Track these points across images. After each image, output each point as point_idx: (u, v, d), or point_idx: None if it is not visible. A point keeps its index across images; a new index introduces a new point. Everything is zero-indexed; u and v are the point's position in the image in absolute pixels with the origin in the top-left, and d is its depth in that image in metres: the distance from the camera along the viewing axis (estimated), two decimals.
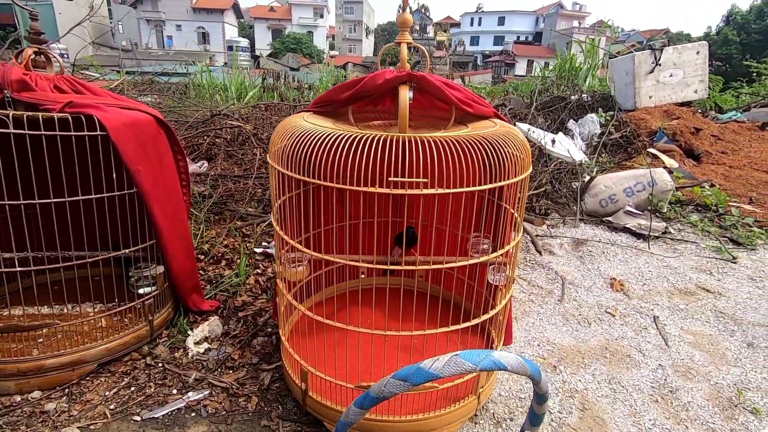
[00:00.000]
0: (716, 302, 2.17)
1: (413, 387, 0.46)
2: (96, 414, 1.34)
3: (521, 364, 0.48)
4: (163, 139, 1.60)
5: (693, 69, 5.51)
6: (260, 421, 1.35)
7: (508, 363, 0.46)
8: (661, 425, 1.38)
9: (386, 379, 0.47)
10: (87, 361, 1.46)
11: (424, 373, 0.45)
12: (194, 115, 4.02)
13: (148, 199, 1.49)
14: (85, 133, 1.31)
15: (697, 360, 1.72)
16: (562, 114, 5.67)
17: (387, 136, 1.02)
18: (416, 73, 1.16)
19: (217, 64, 17.71)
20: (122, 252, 1.51)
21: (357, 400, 0.49)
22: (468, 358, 0.45)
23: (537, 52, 34.77)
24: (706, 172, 4.35)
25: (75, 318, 1.57)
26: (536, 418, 0.59)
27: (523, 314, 2.01)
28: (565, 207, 3.59)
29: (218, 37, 38.17)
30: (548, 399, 0.56)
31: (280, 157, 1.17)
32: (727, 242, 2.92)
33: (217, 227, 2.63)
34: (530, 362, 0.50)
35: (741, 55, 25.35)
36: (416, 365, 0.46)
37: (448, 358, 0.46)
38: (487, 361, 0.45)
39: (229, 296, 2.00)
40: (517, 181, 1.14)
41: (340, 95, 1.26)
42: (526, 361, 0.49)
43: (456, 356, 0.46)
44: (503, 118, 1.36)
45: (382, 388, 0.47)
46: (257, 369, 1.56)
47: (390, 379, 0.47)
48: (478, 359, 0.45)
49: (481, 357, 0.45)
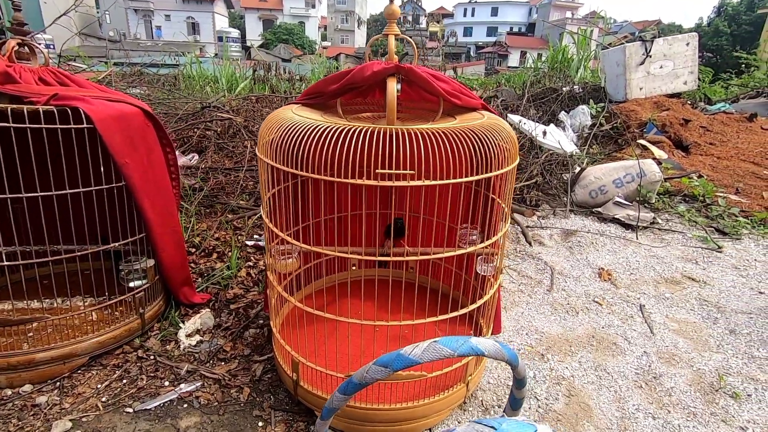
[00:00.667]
0: (701, 291, 2.21)
1: (394, 372, 0.47)
2: (88, 406, 1.34)
3: (498, 350, 0.50)
4: (152, 131, 1.59)
5: (683, 60, 5.55)
6: (252, 411, 1.36)
7: (485, 348, 0.48)
8: (645, 410, 1.42)
9: (368, 366, 0.49)
10: (78, 354, 1.47)
11: (404, 359, 0.47)
12: (184, 107, 3.98)
13: (136, 193, 1.49)
14: (71, 126, 1.30)
15: (681, 347, 1.76)
16: (553, 105, 5.70)
17: (375, 128, 1.02)
18: (404, 65, 1.16)
19: (207, 54, 17.49)
20: (111, 245, 1.51)
21: (341, 386, 0.51)
22: (446, 344, 0.47)
23: (530, 44, 34.71)
24: (694, 163, 4.40)
25: (65, 312, 1.58)
26: (516, 402, 0.61)
27: (513, 304, 2.04)
28: (555, 198, 3.62)
29: (208, 27, 37.60)
30: (527, 384, 0.57)
31: (269, 149, 1.17)
32: (713, 232, 2.97)
33: (208, 220, 2.63)
34: (507, 347, 0.52)
35: (731, 46, 25.51)
36: (396, 352, 0.48)
37: (427, 344, 0.47)
38: (465, 347, 0.47)
39: (220, 289, 2.01)
40: (503, 172, 1.15)
41: (328, 87, 1.26)
42: (503, 347, 0.51)
43: (435, 342, 0.47)
44: (491, 109, 1.37)
45: (364, 374, 0.48)
46: (249, 360, 1.58)
47: (372, 366, 0.48)
48: (456, 345, 0.47)
49: (459, 343, 0.47)
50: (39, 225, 1.39)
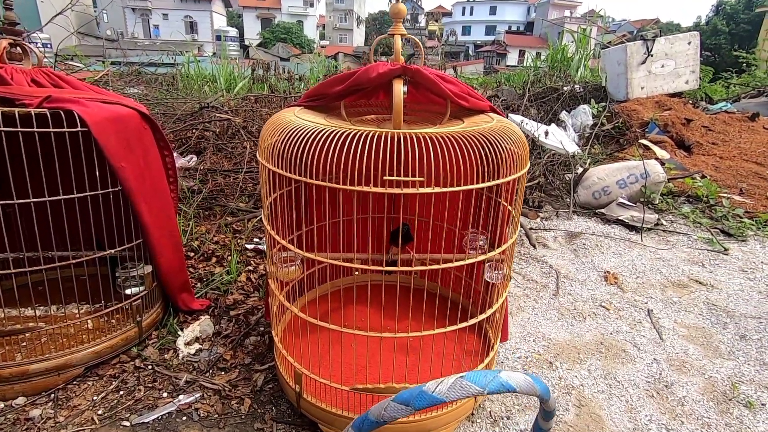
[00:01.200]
0: (709, 294, 2.18)
1: (415, 411, 0.43)
2: (83, 420, 1.30)
3: (530, 385, 0.45)
4: (148, 134, 1.54)
5: (684, 59, 5.51)
6: (254, 424, 1.32)
7: (516, 384, 0.44)
8: (657, 421, 1.38)
9: (386, 403, 0.44)
10: (73, 365, 1.42)
11: (428, 397, 0.42)
12: (182, 108, 3.93)
13: (133, 197, 1.44)
14: (65, 130, 1.26)
15: (691, 353, 1.72)
16: (554, 105, 5.66)
17: (381, 132, 0.98)
18: (411, 67, 1.12)
19: (205, 54, 17.40)
20: (108, 252, 1.46)
21: (355, 422, 0.46)
22: (474, 380, 0.42)
23: (529, 42, 34.65)
24: (697, 163, 4.37)
25: (60, 320, 1.53)
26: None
27: (518, 309, 2.00)
28: (558, 199, 3.58)
29: (206, 26, 37.43)
30: (554, 416, 0.53)
31: (271, 154, 1.12)
32: (719, 234, 2.94)
33: (207, 223, 2.58)
34: (538, 380, 0.48)
35: (730, 45, 25.51)
36: (419, 388, 0.43)
37: (453, 381, 0.43)
38: (495, 383, 0.42)
39: (220, 294, 1.96)
40: (514, 178, 1.11)
41: (331, 89, 1.22)
42: (535, 380, 0.47)
43: (461, 379, 0.43)
44: (499, 112, 1.33)
45: (382, 411, 0.44)
46: (250, 370, 1.53)
47: (390, 403, 0.44)
48: (485, 381, 0.42)
49: (488, 379, 0.42)
50: (32, 231, 1.34)
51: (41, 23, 8.13)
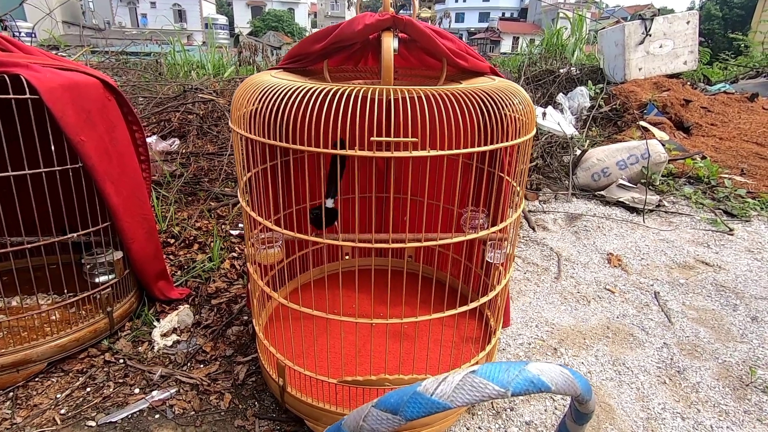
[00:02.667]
0: (716, 276, 2.08)
1: (406, 421, 0.31)
2: (44, 420, 1.17)
3: (568, 381, 0.33)
4: (113, 106, 1.39)
5: (683, 39, 5.39)
6: (234, 421, 1.20)
7: (551, 381, 0.31)
8: (672, 409, 1.28)
9: (365, 410, 0.31)
10: (34, 360, 1.29)
11: (424, 401, 0.29)
12: (164, 91, 3.75)
13: (96, 175, 1.30)
14: (11, 96, 1.11)
15: (703, 337, 1.62)
16: (551, 88, 5.52)
17: (368, 88, 0.85)
18: (402, 17, 0.98)
19: (195, 43, 16.98)
20: (69, 236, 1.33)
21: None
22: (491, 376, 0.30)
23: (522, 29, 34.31)
24: (696, 144, 4.27)
25: (20, 312, 1.39)
26: None
27: (519, 293, 1.89)
28: (556, 181, 3.47)
29: (195, 14, 36.59)
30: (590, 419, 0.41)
31: (245, 121, 0.99)
32: (722, 214, 2.84)
33: (190, 209, 2.44)
34: (579, 376, 0.35)
35: (723, 30, 25.37)
36: (411, 389, 0.30)
37: (461, 378, 0.30)
38: (522, 380, 0.30)
39: (201, 282, 1.83)
40: (521, 141, 0.99)
41: (312, 47, 1.08)
42: (575, 375, 0.34)
43: (472, 375, 0.30)
44: (500, 74, 1.20)
45: (360, 422, 0.31)
46: (231, 362, 1.41)
47: (372, 410, 0.31)
48: (508, 378, 0.30)
49: (512, 375, 0.30)
50: None
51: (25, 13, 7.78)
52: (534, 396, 1.31)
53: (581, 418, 0.41)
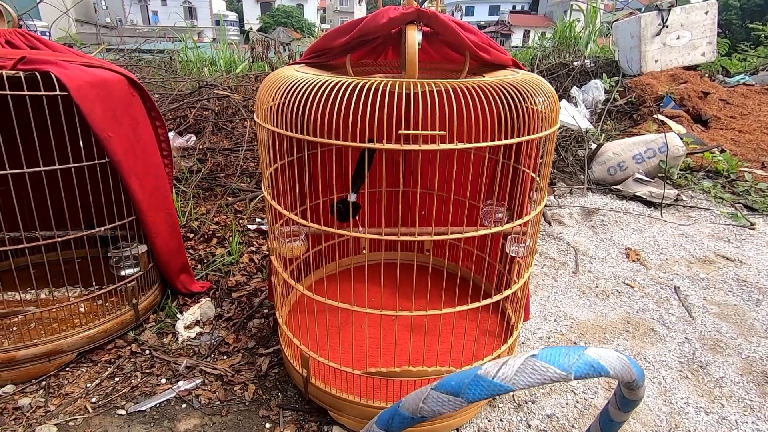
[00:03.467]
0: (737, 271, 2.05)
1: (468, 403, 0.32)
2: (76, 408, 1.21)
3: (625, 366, 0.34)
4: (138, 102, 1.42)
5: (701, 30, 5.27)
6: (258, 411, 1.23)
7: (609, 366, 0.32)
8: (695, 404, 1.27)
9: (425, 392, 0.33)
10: (65, 350, 1.33)
11: (486, 384, 0.30)
12: (180, 87, 3.79)
13: (122, 170, 1.33)
14: (42, 93, 1.14)
15: (725, 332, 1.61)
16: (564, 81, 5.46)
17: (396, 82, 0.85)
18: (426, 10, 0.98)
19: (205, 39, 17.08)
20: (97, 230, 1.36)
21: (381, 417, 0.35)
22: (552, 360, 0.31)
23: (533, 22, 33.86)
24: (715, 138, 4.19)
25: (51, 304, 1.43)
26: (611, 427, 0.45)
27: (537, 288, 1.89)
28: (571, 176, 3.44)
29: (205, 11, 36.74)
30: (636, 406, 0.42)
31: (270, 114, 1.00)
32: (742, 208, 2.80)
33: (207, 204, 2.47)
34: (633, 362, 0.36)
35: (741, 20, 24.74)
36: (471, 371, 0.32)
37: (522, 362, 0.31)
38: (582, 364, 0.31)
39: (221, 276, 1.86)
40: (547, 134, 0.98)
41: (335, 41, 1.08)
42: (630, 361, 0.35)
43: (533, 359, 0.31)
44: (522, 66, 1.19)
45: (419, 404, 0.32)
46: (253, 354, 1.44)
47: (431, 392, 0.32)
48: (569, 362, 0.31)
49: (572, 359, 0.31)
50: (12, 209, 1.23)
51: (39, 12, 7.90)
52: (555, 389, 1.31)
53: (628, 405, 0.41)
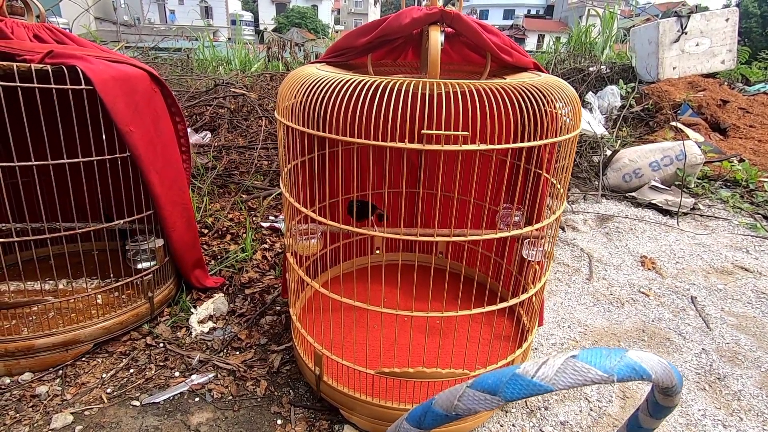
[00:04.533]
0: (756, 282, 2.01)
1: (505, 402, 0.32)
2: (91, 398, 1.23)
3: (666, 371, 0.33)
4: (159, 98, 1.44)
5: (721, 37, 5.19)
6: (270, 407, 1.23)
7: (651, 369, 0.31)
8: (712, 416, 1.25)
9: (461, 389, 0.32)
10: (82, 340, 1.35)
11: (525, 383, 0.30)
12: (196, 85, 3.83)
13: (142, 164, 1.34)
14: (68, 87, 1.16)
15: (743, 344, 1.58)
16: (580, 87, 5.41)
17: (420, 82, 0.85)
18: (450, 11, 0.98)
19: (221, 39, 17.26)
20: (116, 223, 1.38)
21: (413, 414, 0.35)
22: (594, 362, 0.30)
23: (548, 27, 33.66)
24: (733, 147, 4.13)
25: (69, 294, 1.45)
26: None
27: (550, 293, 1.87)
28: (586, 182, 3.41)
29: (221, 11, 37.16)
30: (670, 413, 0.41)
31: (291, 111, 1.01)
32: (762, 219, 2.74)
33: (222, 200, 2.50)
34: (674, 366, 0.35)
35: (761, 28, 24.31)
36: (509, 370, 0.31)
37: (563, 362, 0.31)
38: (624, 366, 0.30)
39: (234, 272, 1.87)
40: (570, 137, 0.98)
41: (357, 41, 1.09)
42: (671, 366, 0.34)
43: (573, 360, 0.31)
44: (543, 69, 1.18)
45: (454, 401, 0.32)
46: (266, 350, 1.44)
47: (467, 390, 0.32)
48: (611, 364, 0.30)
49: (614, 361, 0.30)
50: (35, 200, 1.26)
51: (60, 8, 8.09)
52: (569, 395, 1.30)
53: (660, 411, 0.40)
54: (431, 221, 1.71)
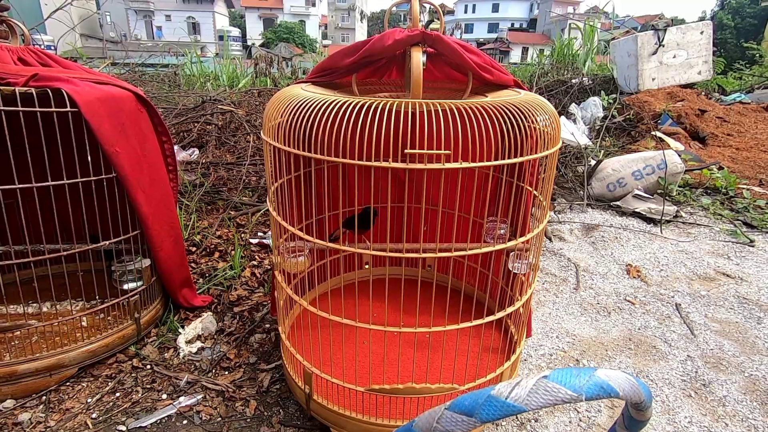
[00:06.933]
0: (738, 288, 2.06)
1: (481, 423, 0.33)
2: (76, 424, 1.20)
3: (634, 388, 0.35)
4: (145, 117, 1.44)
5: (697, 49, 5.37)
6: (260, 428, 1.22)
7: (619, 387, 0.33)
8: (699, 423, 1.27)
9: (438, 412, 0.33)
10: (66, 365, 1.32)
11: (500, 404, 0.31)
12: (184, 102, 3.84)
13: (129, 185, 1.34)
14: (53, 110, 1.16)
15: (727, 350, 1.61)
16: (563, 98, 5.53)
17: (402, 102, 0.87)
18: (431, 33, 1.01)
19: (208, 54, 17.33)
20: (102, 244, 1.37)
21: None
22: (563, 381, 0.32)
23: (531, 39, 34.45)
24: (712, 155, 4.24)
25: (53, 317, 1.43)
26: None
27: (538, 304, 1.89)
28: (571, 192, 3.47)
29: (209, 27, 37.38)
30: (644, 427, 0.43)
31: (277, 132, 1.02)
32: (741, 225, 2.81)
33: (210, 217, 2.48)
34: (642, 382, 0.37)
35: (735, 39, 25.16)
36: (484, 392, 0.33)
37: (534, 383, 0.32)
38: (592, 385, 0.32)
39: (223, 290, 1.86)
40: (549, 153, 1.00)
41: (342, 61, 1.11)
42: (639, 382, 0.36)
43: (544, 380, 0.32)
44: (523, 86, 1.22)
45: (433, 423, 0.33)
46: (255, 369, 1.43)
47: (445, 412, 0.33)
48: (580, 383, 0.32)
49: (583, 380, 0.32)
50: (17, 222, 1.24)
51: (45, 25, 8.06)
52: (558, 408, 1.30)
53: (635, 425, 0.42)
54: (418, 235, 1.72)
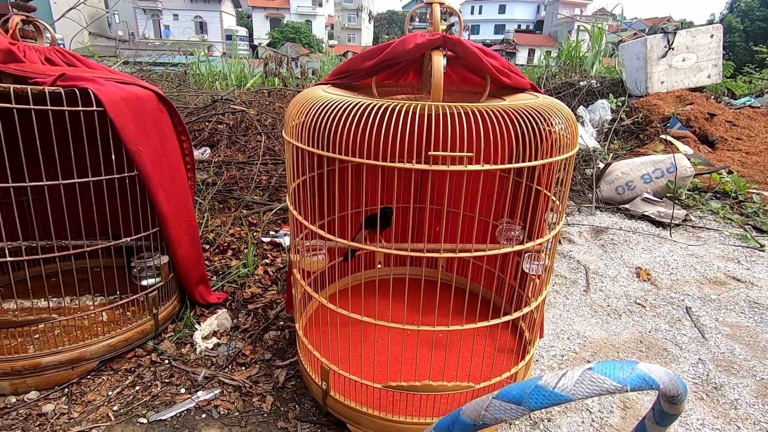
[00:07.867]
0: (749, 292, 2.06)
1: (529, 412, 0.34)
2: (98, 416, 1.23)
3: (672, 381, 0.36)
4: (166, 117, 1.47)
5: (706, 53, 5.35)
6: (277, 423, 1.24)
7: (659, 380, 0.35)
8: (711, 425, 1.28)
9: (486, 400, 0.35)
10: (87, 358, 1.35)
11: (547, 394, 0.33)
12: (195, 101, 3.88)
13: (150, 183, 1.37)
14: (80, 108, 1.19)
15: (738, 354, 1.61)
16: (572, 101, 5.53)
17: (425, 105, 0.89)
18: (451, 37, 1.03)
19: (215, 54, 17.43)
20: (123, 241, 1.39)
21: (440, 425, 0.38)
22: (608, 373, 0.33)
23: (538, 41, 34.37)
24: (722, 159, 4.23)
25: (74, 312, 1.46)
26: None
27: (549, 305, 1.90)
28: (579, 194, 3.47)
29: (216, 26, 37.57)
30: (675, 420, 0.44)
31: (299, 132, 1.04)
32: (751, 230, 2.81)
33: (222, 216, 2.52)
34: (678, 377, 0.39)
35: (745, 42, 24.98)
36: (532, 382, 0.35)
37: (581, 374, 0.34)
38: (635, 377, 0.34)
39: (237, 288, 1.89)
40: (567, 156, 1.02)
41: (362, 64, 1.13)
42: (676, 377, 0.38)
43: (590, 371, 0.34)
44: (539, 90, 1.23)
45: (481, 411, 0.35)
46: (270, 366, 1.46)
47: (493, 401, 0.35)
48: (624, 375, 0.33)
49: (626, 372, 0.33)
50: (45, 218, 1.27)
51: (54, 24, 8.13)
52: (571, 407, 1.32)
53: (666, 419, 0.43)
54: (431, 235, 1.74)
